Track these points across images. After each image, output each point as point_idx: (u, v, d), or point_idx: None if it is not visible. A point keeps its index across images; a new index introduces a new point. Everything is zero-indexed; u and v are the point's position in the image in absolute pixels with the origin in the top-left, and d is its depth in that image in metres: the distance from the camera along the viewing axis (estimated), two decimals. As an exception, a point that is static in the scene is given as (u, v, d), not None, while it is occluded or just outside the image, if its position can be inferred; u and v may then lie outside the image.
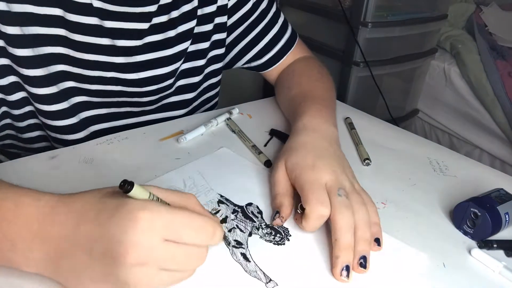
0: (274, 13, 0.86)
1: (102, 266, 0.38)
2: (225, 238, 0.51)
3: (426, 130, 2.35)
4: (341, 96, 1.92)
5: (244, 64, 0.89)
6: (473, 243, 0.55)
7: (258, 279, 0.47)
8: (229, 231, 0.53)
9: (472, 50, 2.06)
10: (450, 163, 0.71)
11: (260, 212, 0.57)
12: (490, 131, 2.02)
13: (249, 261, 0.49)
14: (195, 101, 0.85)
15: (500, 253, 0.54)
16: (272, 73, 0.90)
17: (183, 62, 0.78)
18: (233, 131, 0.75)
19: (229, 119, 0.78)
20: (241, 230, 0.53)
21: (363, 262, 0.49)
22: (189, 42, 0.77)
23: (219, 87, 0.90)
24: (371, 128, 0.81)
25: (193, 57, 0.80)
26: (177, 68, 0.77)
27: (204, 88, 0.86)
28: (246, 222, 0.55)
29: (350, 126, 0.79)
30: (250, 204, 0.58)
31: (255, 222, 0.55)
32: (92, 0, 0.64)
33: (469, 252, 0.53)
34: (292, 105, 0.75)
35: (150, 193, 0.41)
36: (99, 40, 0.67)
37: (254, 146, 0.70)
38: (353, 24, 1.81)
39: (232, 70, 0.92)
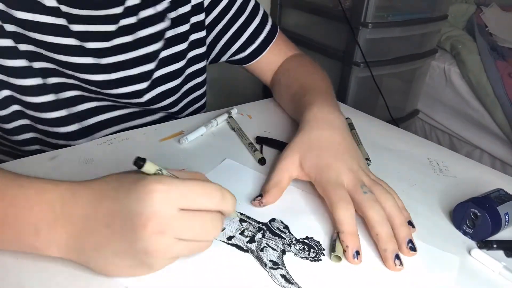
0: (253, 6, 0.87)
1: (123, 239, 0.40)
2: (260, 260, 0.49)
3: (426, 130, 2.35)
4: (341, 96, 1.92)
5: (228, 58, 0.89)
6: (472, 243, 0.55)
7: None
8: (261, 250, 0.50)
9: (472, 51, 2.06)
10: (450, 164, 0.71)
11: (286, 227, 0.54)
12: (490, 131, 2.02)
13: (292, 283, 0.47)
14: (180, 102, 0.84)
15: (500, 253, 0.54)
16: (263, 70, 0.90)
17: (160, 67, 0.77)
18: (233, 129, 0.75)
19: (230, 117, 0.79)
20: (273, 249, 0.51)
21: (412, 246, 0.51)
22: (160, 43, 0.76)
23: (205, 87, 0.90)
24: (371, 129, 0.81)
25: (170, 61, 0.79)
26: (151, 71, 0.76)
27: (188, 89, 0.85)
28: (275, 239, 0.52)
29: (350, 127, 0.79)
30: (273, 219, 0.56)
31: (284, 238, 0.53)
32: (59, 4, 0.65)
33: (469, 252, 0.53)
34: (295, 100, 0.76)
35: (161, 168, 0.43)
36: (67, 41, 0.67)
37: (250, 143, 0.70)
38: (353, 24, 1.81)
39: (232, 71, 0.92)
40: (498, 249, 0.53)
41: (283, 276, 0.47)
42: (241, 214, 0.54)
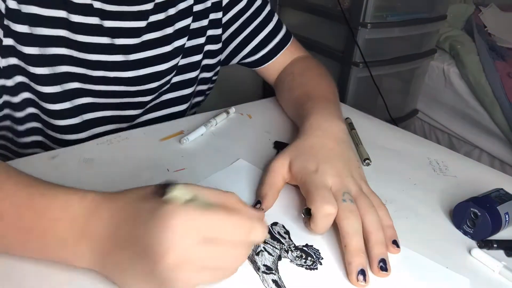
0: (269, 11, 0.88)
1: (143, 264, 0.39)
2: (254, 263, 0.49)
3: (425, 130, 2.36)
4: (341, 96, 1.89)
5: (240, 60, 0.90)
6: (473, 243, 0.55)
7: None
8: (257, 254, 0.50)
9: (471, 51, 2.06)
10: (450, 163, 0.71)
11: (287, 232, 0.54)
12: (489, 131, 2.02)
13: None
14: (192, 96, 0.86)
15: (500, 253, 0.54)
16: (269, 71, 0.90)
17: (181, 58, 0.79)
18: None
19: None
20: (269, 253, 0.50)
21: (383, 265, 0.48)
22: (186, 38, 0.78)
23: (211, 84, 0.90)
24: (371, 129, 0.81)
25: (190, 53, 0.81)
26: (176, 64, 0.78)
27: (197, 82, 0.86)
28: (274, 243, 0.52)
29: (350, 126, 0.79)
30: (275, 223, 0.55)
31: (283, 244, 0.52)
32: (92, 1, 0.65)
33: (469, 251, 0.53)
34: (296, 107, 0.75)
35: (187, 190, 0.41)
36: (99, 39, 0.67)
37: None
38: (352, 24, 1.81)
39: (232, 71, 0.92)
40: (499, 248, 0.53)
41: (274, 281, 0.47)
42: None
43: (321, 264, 0.50)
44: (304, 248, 0.52)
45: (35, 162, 0.63)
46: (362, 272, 0.47)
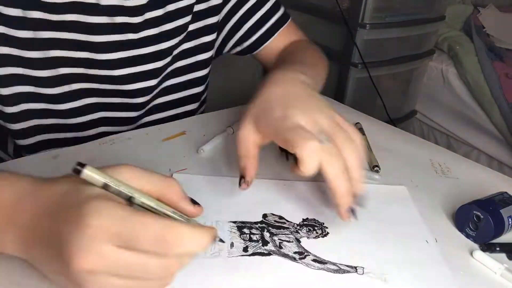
0: None
1: (58, 265, 0.36)
2: (287, 256, 0.49)
3: (424, 131, 2.36)
4: (339, 97, 1.92)
5: (233, 46, 0.87)
6: (475, 245, 0.55)
7: (346, 272, 0.48)
8: (280, 248, 0.50)
9: (469, 52, 2.07)
10: (452, 165, 0.71)
11: (282, 217, 0.55)
12: (487, 132, 2.03)
13: (325, 263, 0.49)
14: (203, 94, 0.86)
15: (502, 255, 0.54)
16: (268, 57, 0.87)
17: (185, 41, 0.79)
18: None
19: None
20: (288, 241, 0.51)
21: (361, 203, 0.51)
22: (189, 17, 0.77)
23: (211, 52, 0.86)
24: (372, 130, 0.80)
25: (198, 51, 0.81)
26: (178, 44, 0.78)
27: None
28: (282, 231, 0.53)
29: (361, 132, 0.78)
30: (265, 215, 0.56)
31: (288, 227, 0.54)
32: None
33: (471, 254, 0.53)
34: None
35: (107, 181, 0.37)
36: (99, 19, 0.69)
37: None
38: (351, 25, 1.81)
39: (233, 70, 0.92)
40: (501, 252, 0.53)
41: (315, 260, 0.49)
42: (234, 222, 0.54)
43: (327, 227, 0.54)
44: (305, 222, 0.54)
45: (37, 161, 0.62)
46: (352, 210, 0.49)
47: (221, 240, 0.45)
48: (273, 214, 0.56)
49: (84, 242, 0.34)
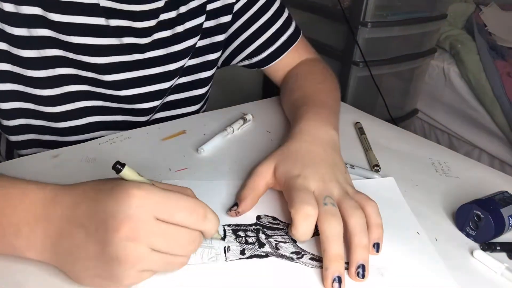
0: (278, 7, 0.85)
1: (96, 241, 0.39)
2: (284, 257, 0.50)
3: (425, 130, 2.36)
4: (341, 96, 1.91)
5: (242, 60, 0.87)
6: (475, 244, 0.55)
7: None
8: (277, 249, 0.51)
9: (471, 50, 2.06)
10: (453, 164, 0.71)
11: (275, 218, 0.56)
12: (489, 131, 2.02)
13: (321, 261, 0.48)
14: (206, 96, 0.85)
15: (503, 255, 0.53)
16: (277, 72, 0.88)
17: (193, 57, 0.79)
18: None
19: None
20: (284, 242, 0.52)
21: (361, 272, 0.47)
22: (197, 37, 0.77)
23: (214, 70, 0.86)
24: (372, 129, 0.80)
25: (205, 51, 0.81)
26: (184, 64, 0.78)
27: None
28: (277, 233, 0.53)
29: (360, 131, 0.78)
30: (259, 217, 0.56)
31: (282, 228, 0.54)
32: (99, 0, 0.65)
33: (471, 253, 0.53)
34: (293, 110, 0.74)
35: (142, 176, 0.43)
36: (107, 41, 0.68)
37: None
38: (352, 24, 1.81)
39: (232, 70, 0.91)
40: (502, 251, 0.53)
41: (312, 259, 0.50)
42: (229, 225, 0.54)
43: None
44: None
45: (37, 161, 0.62)
46: (339, 279, 0.45)
47: (223, 238, 0.50)
48: (267, 216, 0.56)
49: (131, 210, 0.38)
